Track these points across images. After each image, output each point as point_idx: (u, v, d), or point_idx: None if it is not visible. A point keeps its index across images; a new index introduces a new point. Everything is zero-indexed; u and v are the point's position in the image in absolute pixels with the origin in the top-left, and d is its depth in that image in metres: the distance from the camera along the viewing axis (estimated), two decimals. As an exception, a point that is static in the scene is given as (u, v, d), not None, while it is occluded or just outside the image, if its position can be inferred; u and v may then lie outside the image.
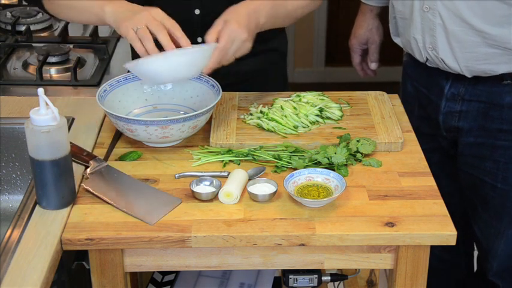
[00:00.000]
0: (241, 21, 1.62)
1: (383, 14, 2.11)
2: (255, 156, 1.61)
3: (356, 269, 1.83)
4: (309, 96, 1.80)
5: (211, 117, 1.72)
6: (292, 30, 4.16)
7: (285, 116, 1.72)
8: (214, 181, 1.52)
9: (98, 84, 1.90)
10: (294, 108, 1.74)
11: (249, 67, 1.90)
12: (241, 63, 1.75)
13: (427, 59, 1.84)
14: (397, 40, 1.96)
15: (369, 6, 2.12)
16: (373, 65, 2.17)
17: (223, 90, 1.70)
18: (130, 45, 1.70)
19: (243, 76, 1.92)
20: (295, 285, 1.67)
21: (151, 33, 1.58)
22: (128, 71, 1.74)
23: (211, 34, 1.61)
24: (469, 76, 1.79)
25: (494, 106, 1.80)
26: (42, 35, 2.26)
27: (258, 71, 1.95)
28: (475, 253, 2.18)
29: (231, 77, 1.85)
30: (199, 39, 1.81)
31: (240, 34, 1.60)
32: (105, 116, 1.76)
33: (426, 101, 1.92)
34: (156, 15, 1.61)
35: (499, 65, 1.74)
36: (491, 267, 1.96)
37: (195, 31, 1.81)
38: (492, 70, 1.75)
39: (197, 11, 1.84)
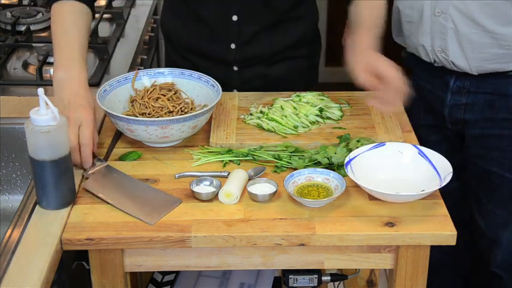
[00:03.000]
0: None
1: None
2: (255, 156, 1.61)
3: (356, 269, 1.83)
4: (309, 96, 1.80)
5: (211, 117, 1.72)
6: (292, 30, 4.15)
7: (285, 116, 1.72)
8: (214, 181, 1.52)
9: (98, 84, 1.90)
10: (294, 108, 1.74)
11: (277, 72, 1.91)
12: (270, 68, 1.81)
13: (435, 61, 1.84)
14: (398, 40, 1.97)
15: None
16: None
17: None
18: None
19: (270, 80, 1.92)
20: (295, 285, 1.67)
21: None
22: (128, 71, 1.74)
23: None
24: (475, 74, 1.80)
25: (500, 96, 1.81)
26: (42, 35, 2.25)
27: (285, 77, 1.94)
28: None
29: (256, 81, 1.88)
30: (233, 46, 1.85)
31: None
32: (105, 116, 1.76)
33: (430, 95, 1.92)
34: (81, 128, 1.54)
35: (508, 63, 1.75)
36: (495, 259, 1.96)
37: (231, 37, 1.85)
38: (502, 68, 1.77)
39: (235, 17, 1.84)
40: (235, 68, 1.89)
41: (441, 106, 1.89)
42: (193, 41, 1.89)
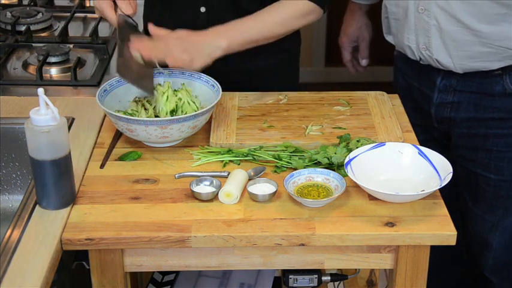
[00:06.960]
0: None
1: (371, 11, 2.12)
2: (255, 156, 1.61)
3: (356, 269, 1.83)
4: None
5: (211, 117, 1.72)
6: (292, 30, 4.15)
7: None
8: (214, 181, 1.52)
9: (98, 84, 1.90)
10: None
11: (255, 66, 1.90)
12: (247, 61, 1.77)
13: (420, 59, 1.84)
14: (389, 38, 1.97)
15: (357, 4, 2.14)
16: (364, 62, 2.19)
17: (226, 87, 1.70)
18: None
19: (248, 75, 1.91)
20: (295, 285, 1.67)
21: None
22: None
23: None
24: (461, 73, 1.80)
25: (485, 96, 1.81)
26: (42, 35, 2.25)
27: (264, 71, 1.93)
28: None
29: (235, 74, 1.86)
30: None
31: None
32: (105, 116, 1.76)
33: (418, 93, 1.93)
34: None
35: (493, 62, 1.76)
36: (487, 263, 1.96)
37: (201, 28, 1.83)
38: (486, 67, 1.77)
39: (203, 9, 1.85)
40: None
41: (428, 104, 1.90)
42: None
